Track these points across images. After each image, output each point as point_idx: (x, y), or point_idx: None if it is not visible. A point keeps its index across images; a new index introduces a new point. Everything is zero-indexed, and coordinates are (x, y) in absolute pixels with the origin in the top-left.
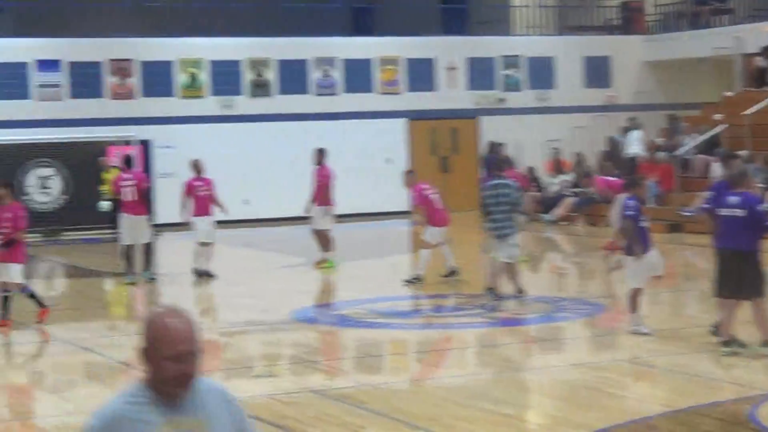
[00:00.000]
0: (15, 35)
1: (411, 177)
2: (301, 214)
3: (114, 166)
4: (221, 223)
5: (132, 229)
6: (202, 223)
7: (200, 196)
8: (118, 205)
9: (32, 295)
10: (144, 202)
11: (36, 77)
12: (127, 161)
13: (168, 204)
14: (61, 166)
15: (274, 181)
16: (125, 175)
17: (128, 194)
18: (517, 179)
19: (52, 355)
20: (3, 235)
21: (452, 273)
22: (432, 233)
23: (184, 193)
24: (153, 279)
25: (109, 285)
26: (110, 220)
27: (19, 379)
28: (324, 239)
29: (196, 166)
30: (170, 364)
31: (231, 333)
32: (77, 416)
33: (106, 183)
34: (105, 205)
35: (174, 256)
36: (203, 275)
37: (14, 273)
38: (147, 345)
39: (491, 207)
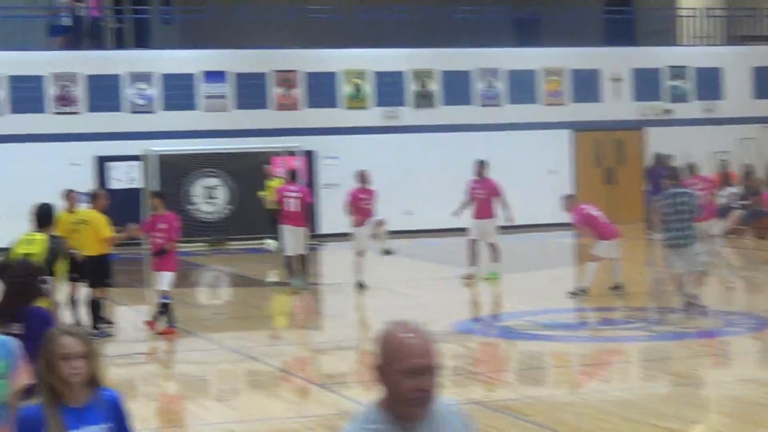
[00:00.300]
0: (182, 47)
1: (570, 201)
2: (464, 225)
3: (279, 177)
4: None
5: (291, 237)
6: (364, 234)
7: (363, 207)
8: (277, 214)
9: (165, 309)
10: (305, 214)
11: (202, 88)
12: (292, 174)
13: (331, 215)
14: (226, 177)
15: (436, 192)
16: (291, 187)
17: (291, 205)
18: (707, 183)
19: (216, 363)
20: (156, 245)
21: (617, 287)
22: (602, 247)
23: (348, 202)
24: (307, 288)
25: (272, 294)
26: (274, 231)
27: (185, 387)
28: (493, 251)
29: (363, 177)
30: (406, 379)
31: None
32: (242, 424)
33: (269, 190)
34: (272, 244)
35: (336, 266)
36: (360, 286)
37: (163, 281)
38: (381, 361)
39: (670, 217)
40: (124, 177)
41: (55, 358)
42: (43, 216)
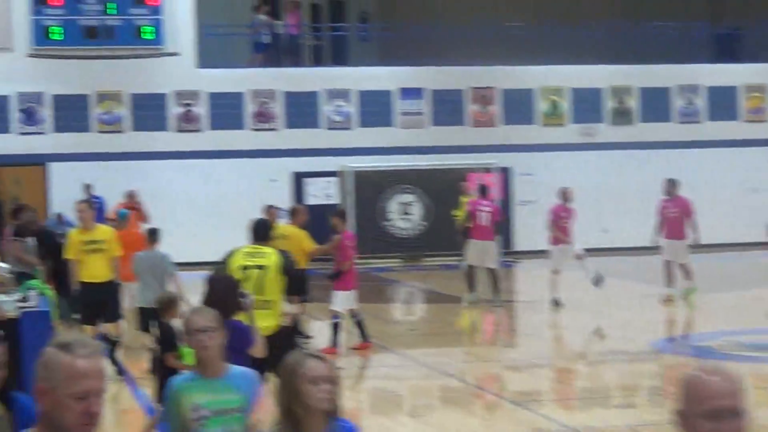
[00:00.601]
0: (379, 64)
1: None
2: (660, 243)
3: (472, 194)
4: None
5: (480, 252)
6: (561, 252)
7: (562, 225)
8: (467, 229)
9: (335, 327)
10: (494, 229)
11: (399, 105)
12: (484, 190)
13: (526, 232)
14: (421, 193)
15: (633, 210)
16: (483, 202)
17: (482, 220)
18: None
19: (410, 378)
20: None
21: None
22: None
23: (550, 219)
24: (500, 305)
25: (466, 310)
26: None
27: (379, 402)
28: (684, 271)
29: (565, 195)
30: (706, 422)
31: (590, 362)
32: None
33: (461, 207)
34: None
35: (530, 283)
36: (556, 303)
37: (336, 301)
38: (683, 406)
39: None
40: (320, 193)
41: (302, 382)
42: (262, 231)
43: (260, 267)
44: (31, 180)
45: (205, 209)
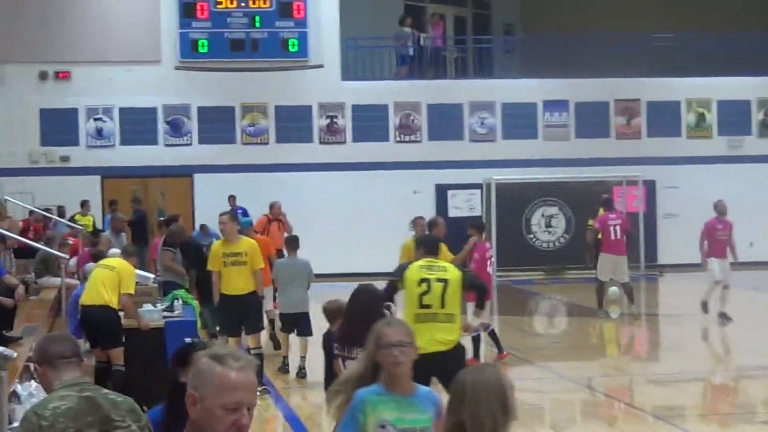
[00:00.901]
0: (524, 76)
1: None
2: None
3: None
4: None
5: (613, 266)
6: (718, 265)
7: (719, 239)
8: (598, 243)
9: (475, 339)
10: (626, 242)
11: (543, 117)
12: (608, 203)
13: (671, 244)
14: (564, 206)
15: None
16: (611, 216)
17: (614, 234)
18: None
19: (552, 392)
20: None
21: None
22: None
23: (703, 233)
24: (635, 317)
25: (609, 324)
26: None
27: (520, 415)
28: None
29: (719, 208)
30: None
31: (736, 377)
32: None
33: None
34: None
35: (675, 297)
36: (723, 317)
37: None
38: None
39: None
40: (463, 205)
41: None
42: (433, 245)
43: (441, 280)
44: (177, 191)
45: (348, 221)
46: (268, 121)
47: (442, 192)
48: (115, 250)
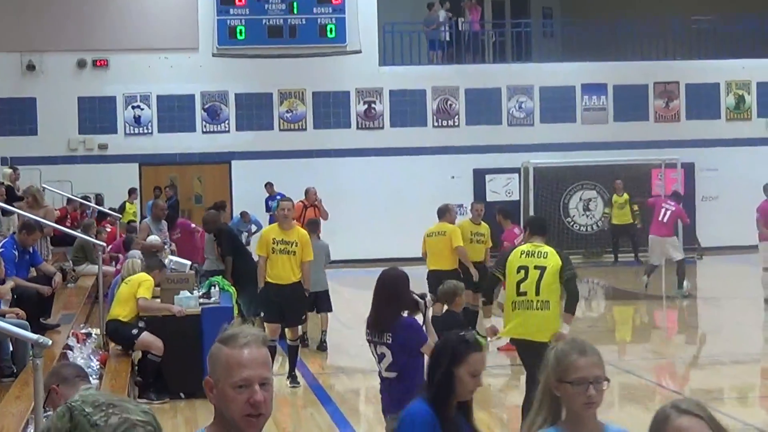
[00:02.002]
0: (562, 59)
1: None
2: None
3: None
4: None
5: (659, 248)
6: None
7: None
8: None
9: None
10: (672, 225)
11: (582, 101)
12: (677, 196)
13: (708, 228)
14: (603, 189)
15: None
16: (670, 201)
17: (663, 216)
18: None
19: None
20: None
21: None
22: None
23: (759, 217)
24: (686, 296)
25: (648, 307)
26: (615, 246)
27: None
28: None
29: None
30: None
31: None
32: None
33: (614, 207)
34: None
35: (713, 279)
36: None
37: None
38: None
39: None
40: (501, 190)
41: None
42: (539, 226)
43: (539, 267)
44: (215, 178)
45: (386, 206)
46: (305, 107)
47: (480, 177)
48: (155, 237)
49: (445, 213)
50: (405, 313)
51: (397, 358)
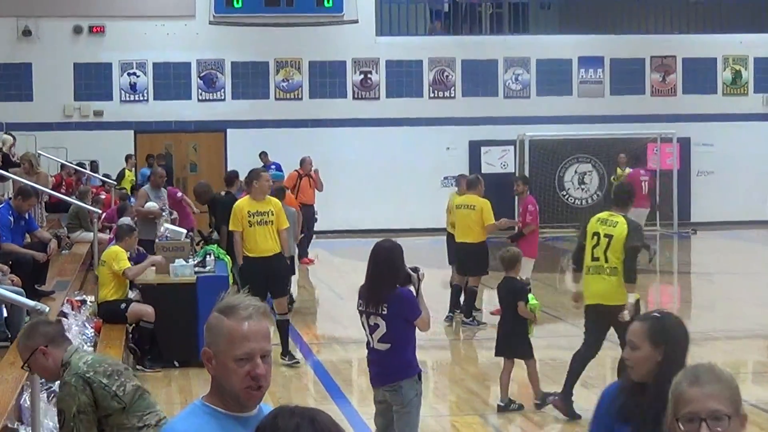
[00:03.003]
0: (560, 32)
1: None
2: None
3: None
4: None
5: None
6: None
7: None
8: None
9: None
10: (650, 196)
11: (578, 73)
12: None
13: (703, 203)
14: (598, 162)
15: None
16: (641, 171)
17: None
18: None
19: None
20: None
21: None
22: None
23: None
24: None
25: (641, 282)
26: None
27: (552, 372)
28: None
29: None
30: None
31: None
32: None
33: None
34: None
35: (709, 254)
36: None
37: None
38: None
39: None
40: (496, 162)
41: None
42: (621, 196)
43: (608, 236)
44: (210, 146)
45: (380, 177)
46: (301, 76)
47: (475, 148)
48: (153, 204)
49: (476, 185)
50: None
51: (391, 329)
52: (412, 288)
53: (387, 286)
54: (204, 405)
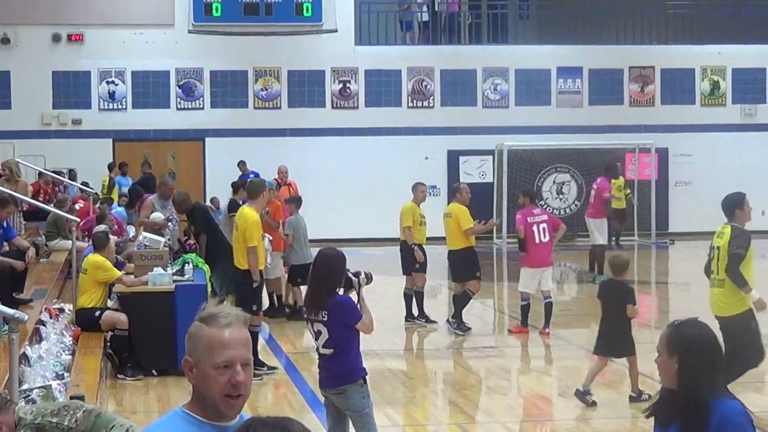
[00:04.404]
0: (538, 42)
1: None
2: None
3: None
4: None
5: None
6: None
7: None
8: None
9: (524, 308)
10: (603, 206)
11: (557, 84)
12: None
13: (681, 213)
14: (576, 173)
15: None
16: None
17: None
18: None
19: (563, 359)
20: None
21: None
22: None
23: None
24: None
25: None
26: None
27: (534, 382)
28: None
29: None
30: None
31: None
32: (590, 421)
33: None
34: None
35: (687, 264)
36: None
37: (524, 279)
38: None
39: None
40: (474, 172)
41: None
42: (726, 207)
43: (717, 248)
44: (189, 155)
45: (359, 186)
46: (280, 85)
47: (453, 158)
48: (158, 214)
49: (455, 193)
50: (341, 292)
51: (333, 335)
52: (354, 293)
53: (326, 293)
54: (184, 413)
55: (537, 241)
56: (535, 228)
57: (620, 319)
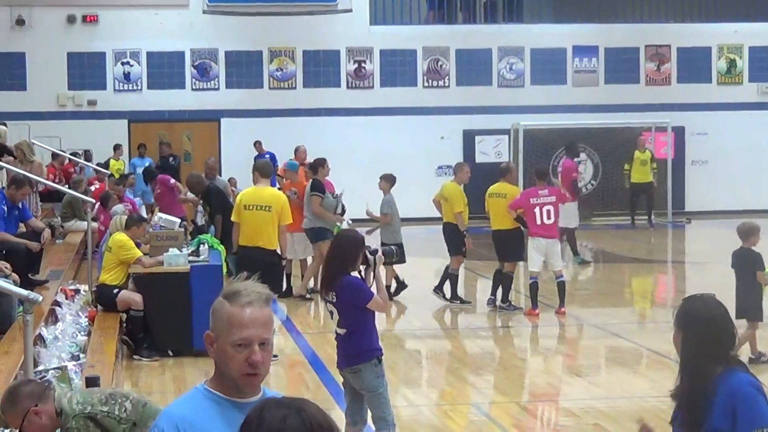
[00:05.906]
0: (554, 21)
1: None
2: None
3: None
4: None
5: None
6: None
7: None
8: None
9: (532, 287)
10: (572, 188)
11: (573, 63)
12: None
13: (698, 192)
14: (592, 152)
15: None
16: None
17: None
18: None
19: (578, 339)
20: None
21: None
22: None
23: None
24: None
25: (636, 271)
26: (634, 207)
27: (547, 362)
28: None
29: None
30: None
31: (765, 324)
32: (604, 401)
33: (634, 163)
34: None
35: (704, 243)
36: None
37: (531, 259)
38: None
39: None
40: (490, 151)
41: None
42: None
43: None
44: (204, 135)
45: (374, 166)
46: (295, 65)
47: (469, 138)
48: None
49: (505, 173)
50: (357, 273)
51: (344, 315)
52: (370, 271)
53: (335, 274)
54: (205, 390)
55: (539, 222)
56: (537, 210)
57: (749, 284)
